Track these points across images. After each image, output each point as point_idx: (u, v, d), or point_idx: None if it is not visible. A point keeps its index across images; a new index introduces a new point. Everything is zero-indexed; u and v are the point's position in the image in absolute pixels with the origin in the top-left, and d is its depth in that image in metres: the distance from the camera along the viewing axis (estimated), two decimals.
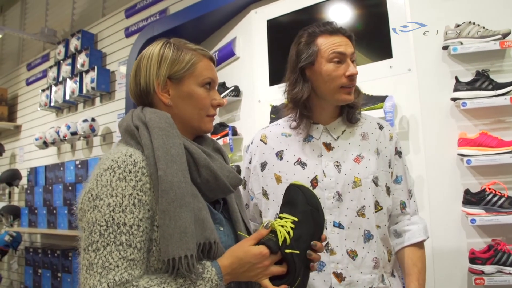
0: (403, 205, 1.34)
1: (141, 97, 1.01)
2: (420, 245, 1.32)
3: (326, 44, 1.26)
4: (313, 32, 1.30)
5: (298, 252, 0.89)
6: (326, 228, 1.23)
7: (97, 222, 0.81)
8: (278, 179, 1.31)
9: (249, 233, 1.06)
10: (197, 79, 0.99)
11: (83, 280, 0.80)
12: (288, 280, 0.90)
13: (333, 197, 1.24)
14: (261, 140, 1.40)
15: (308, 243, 0.92)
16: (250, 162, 1.43)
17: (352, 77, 1.26)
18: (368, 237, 1.24)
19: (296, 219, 0.91)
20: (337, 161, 1.28)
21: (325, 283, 1.20)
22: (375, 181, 1.27)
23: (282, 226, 0.90)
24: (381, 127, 1.37)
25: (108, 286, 0.77)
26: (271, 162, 1.35)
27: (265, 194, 1.35)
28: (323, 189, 1.25)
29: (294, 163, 1.31)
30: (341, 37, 1.27)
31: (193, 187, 0.90)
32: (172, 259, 0.80)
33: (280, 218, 0.93)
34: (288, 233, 0.89)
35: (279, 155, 1.34)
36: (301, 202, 0.94)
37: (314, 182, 1.26)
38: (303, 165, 1.30)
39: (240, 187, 1.42)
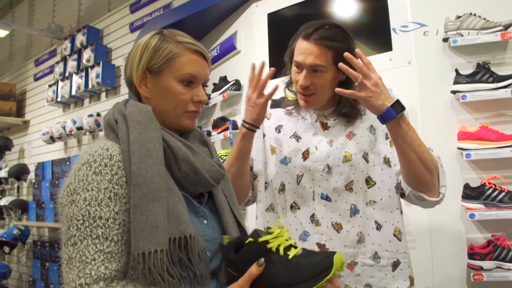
0: None
1: (129, 87, 1.02)
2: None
3: (296, 48, 1.29)
4: (299, 31, 1.31)
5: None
6: (314, 200, 1.27)
7: (74, 216, 0.82)
8: (273, 150, 1.38)
9: (239, 225, 1.04)
10: (175, 73, 0.95)
11: (64, 274, 0.81)
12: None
13: (323, 170, 1.28)
14: (265, 117, 1.46)
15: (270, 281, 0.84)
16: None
17: (302, 86, 1.27)
18: (354, 211, 1.26)
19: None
20: (330, 139, 1.32)
21: None
22: (365, 157, 1.29)
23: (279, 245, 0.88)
24: None
25: (85, 281, 0.77)
26: (269, 134, 1.42)
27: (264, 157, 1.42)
28: (313, 161, 1.29)
29: (290, 137, 1.37)
30: (310, 44, 1.24)
31: (169, 181, 0.89)
32: (142, 253, 0.79)
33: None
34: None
35: (278, 129, 1.41)
36: (313, 264, 0.84)
37: (306, 154, 1.31)
38: (298, 138, 1.35)
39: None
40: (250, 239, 0.89)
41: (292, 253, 0.85)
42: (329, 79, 1.27)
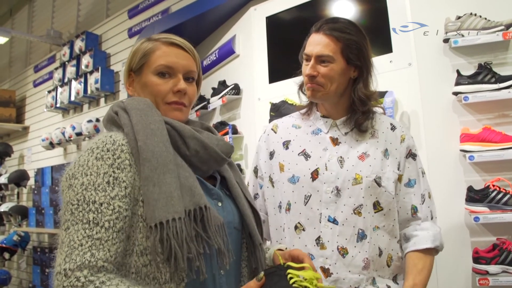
0: (414, 210, 1.29)
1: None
2: (425, 251, 1.25)
3: (307, 43, 1.29)
4: (312, 28, 1.30)
5: None
6: (320, 222, 1.22)
7: (70, 201, 0.80)
8: (281, 168, 1.32)
9: (253, 211, 1.03)
10: (151, 67, 0.97)
11: (56, 258, 0.80)
12: None
13: (332, 192, 1.22)
14: (272, 129, 1.42)
15: None
16: (259, 151, 1.44)
17: (308, 76, 1.25)
18: (361, 236, 1.20)
19: None
20: (341, 157, 1.26)
21: None
22: (378, 181, 1.23)
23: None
24: (393, 128, 1.33)
25: (69, 267, 0.73)
26: (277, 151, 1.36)
27: (271, 180, 1.36)
28: (322, 182, 1.24)
29: (299, 154, 1.31)
30: (319, 35, 1.25)
31: (178, 158, 0.89)
32: (160, 223, 0.77)
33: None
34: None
35: (286, 144, 1.35)
36: None
37: (315, 174, 1.25)
38: (306, 156, 1.29)
39: (252, 176, 1.44)
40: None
41: (298, 283, 0.79)
42: (337, 71, 1.23)
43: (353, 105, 1.28)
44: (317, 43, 1.24)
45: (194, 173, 0.90)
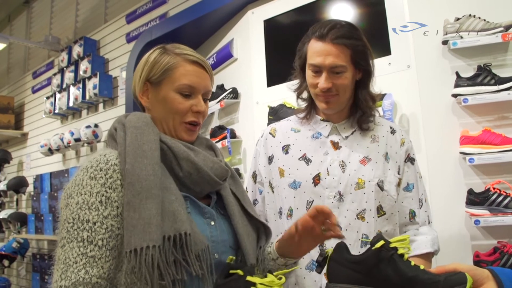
0: (412, 214, 1.28)
1: (136, 100, 1.06)
2: (424, 257, 1.24)
3: (310, 50, 1.23)
4: (309, 33, 1.26)
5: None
6: None
7: (66, 219, 0.83)
8: (281, 173, 1.30)
9: (257, 224, 1.03)
10: (173, 84, 0.97)
11: (53, 274, 0.83)
12: None
13: (334, 197, 1.21)
14: (270, 133, 1.39)
15: None
16: (257, 155, 1.42)
17: (323, 90, 1.21)
18: (365, 242, 1.19)
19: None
20: (342, 161, 1.24)
21: (315, 283, 1.17)
22: (380, 185, 1.22)
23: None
24: (393, 132, 1.32)
25: (65, 284, 0.77)
26: (277, 155, 1.33)
27: (271, 186, 1.34)
28: (324, 188, 1.22)
29: (299, 159, 1.28)
30: (326, 44, 1.19)
31: (167, 180, 0.89)
32: (134, 250, 0.78)
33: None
34: None
35: (285, 149, 1.32)
36: None
37: (317, 179, 1.23)
38: (307, 161, 1.27)
39: (250, 181, 1.42)
40: (239, 271, 0.82)
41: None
42: (349, 79, 1.21)
43: (358, 107, 1.27)
44: (326, 53, 1.18)
45: (187, 193, 0.92)
